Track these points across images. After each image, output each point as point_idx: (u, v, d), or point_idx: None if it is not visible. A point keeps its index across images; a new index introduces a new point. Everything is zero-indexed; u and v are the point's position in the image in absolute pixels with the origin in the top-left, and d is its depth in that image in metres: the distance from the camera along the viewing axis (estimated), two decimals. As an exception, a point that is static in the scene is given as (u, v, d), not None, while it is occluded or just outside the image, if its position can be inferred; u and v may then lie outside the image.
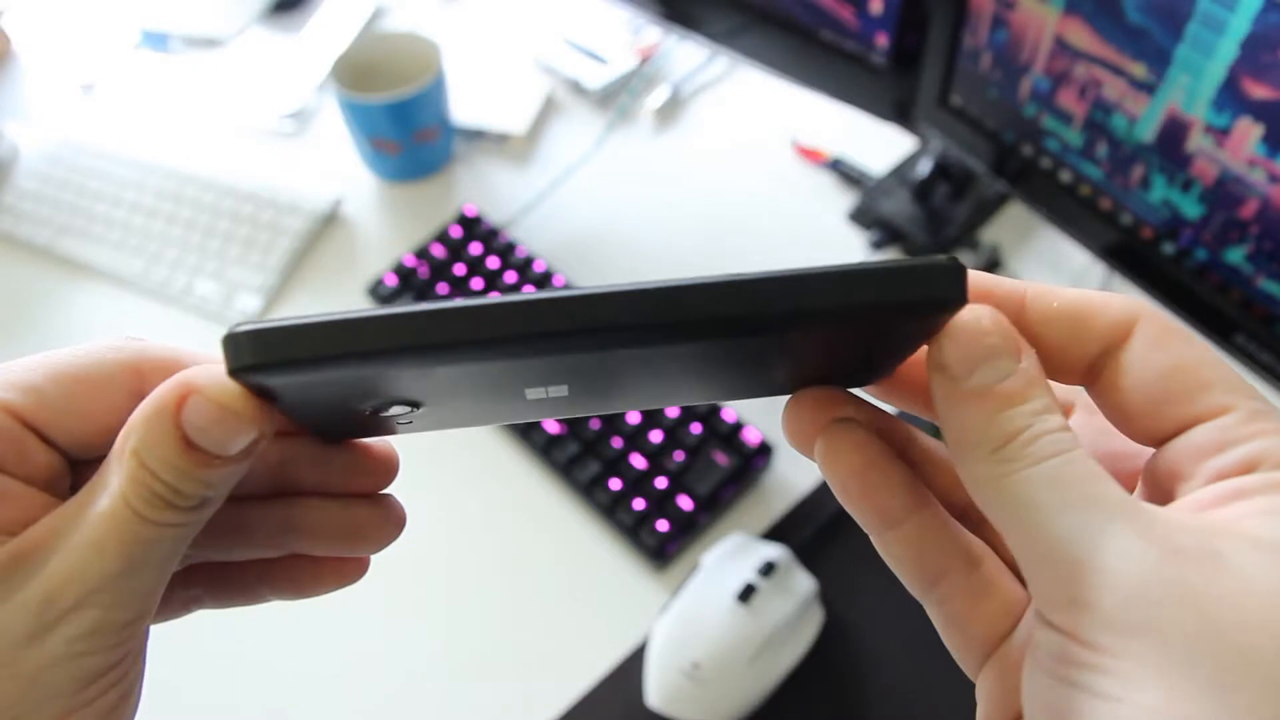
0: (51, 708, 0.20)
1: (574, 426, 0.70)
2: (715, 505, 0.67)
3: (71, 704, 0.20)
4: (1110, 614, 0.18)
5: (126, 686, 0.22)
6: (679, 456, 0.68)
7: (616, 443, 0.69)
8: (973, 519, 0.24)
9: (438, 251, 0.82)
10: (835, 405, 0.23)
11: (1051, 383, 0.22)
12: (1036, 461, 0.19)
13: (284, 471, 0.25)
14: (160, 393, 0.20)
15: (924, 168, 0.83)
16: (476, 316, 0.18)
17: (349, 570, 0.26)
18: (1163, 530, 0.18)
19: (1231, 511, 0.19)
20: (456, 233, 0.83)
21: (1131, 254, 0.64)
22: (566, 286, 0.21)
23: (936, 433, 0.23)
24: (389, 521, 0.26)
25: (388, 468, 0.26)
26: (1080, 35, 0.58)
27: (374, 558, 0.27)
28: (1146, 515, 0.18)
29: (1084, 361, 0.22)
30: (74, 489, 0.22)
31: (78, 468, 0.23)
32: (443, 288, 0.80)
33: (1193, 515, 0.19)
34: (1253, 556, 0.18)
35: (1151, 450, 0.21)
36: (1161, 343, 0.21)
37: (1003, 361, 0.20)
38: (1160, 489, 0.21)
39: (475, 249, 0.81)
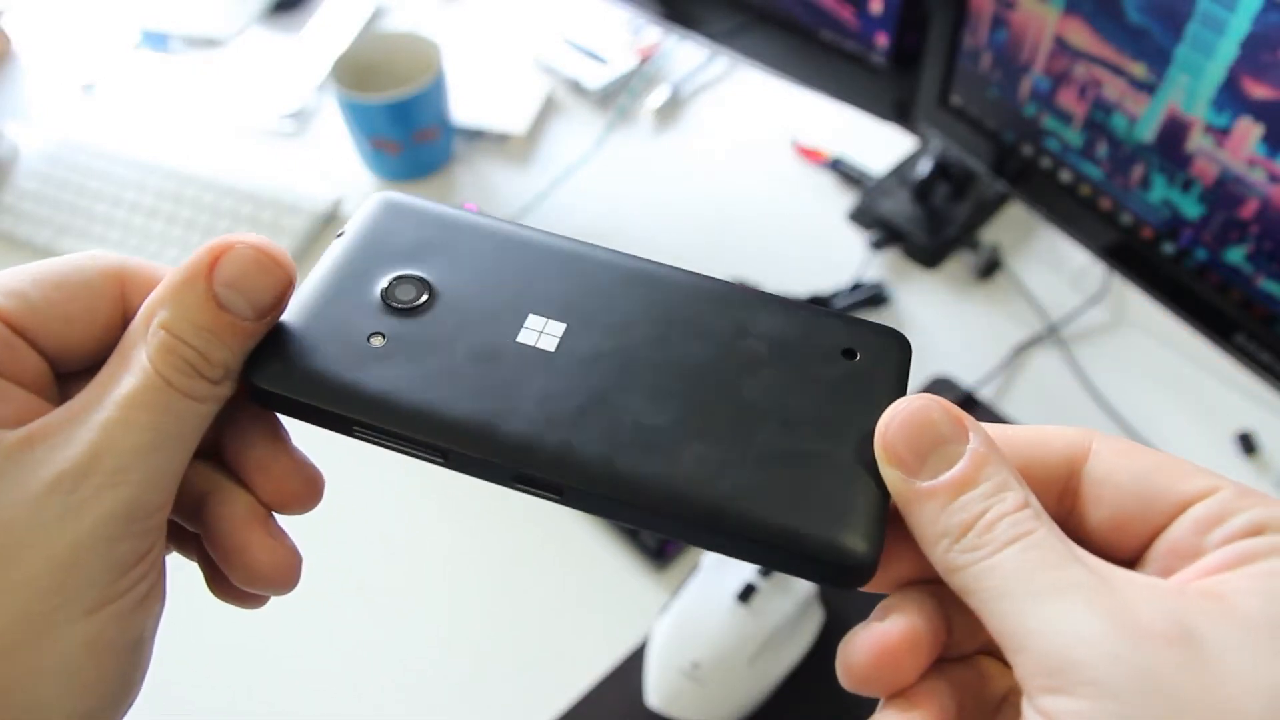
0: (90, 595, 0.20)
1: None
2: (715, 505, 0.67)
3: (108, 592, 0.20)
4: (1083, 703, 0.18)
5: (155, 578, 0.22)
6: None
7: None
8: None
9: (438, 251, 0.82)
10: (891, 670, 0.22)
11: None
12: (999, 548, 0.19)
13: (221, 430, 0.24)
14: (191, 261, 0.21)
15: (924, 168, 0.83)
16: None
17: (238, 595, 0.25)
18: (1132, 612, 0.18)
19: (1233, 578, 0.19)
20: (456, 233, 0.83)
21: (1131, 254, 0.64)
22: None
23: None
24: (277, 562, 0.23)
25: (311, 481, 0.24)
26: (1080, 35, 0.58)
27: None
28: (1116, 596, 0.18)
29: (1054, 483, 0.22)
30: (63, 400, 0.22)
31: (63, 380, 0.23)
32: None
33: (1178, 587, 0.19)
34: (1231, 638, 0.18)
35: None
36: (1127, 451, 0.21)
37: (951, 447, 0.20)
38: (1159, 569, 0.21)
39: (475, 249, 0.81)
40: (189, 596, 0.28)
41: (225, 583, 0.24)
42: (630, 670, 0.62)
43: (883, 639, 0.21)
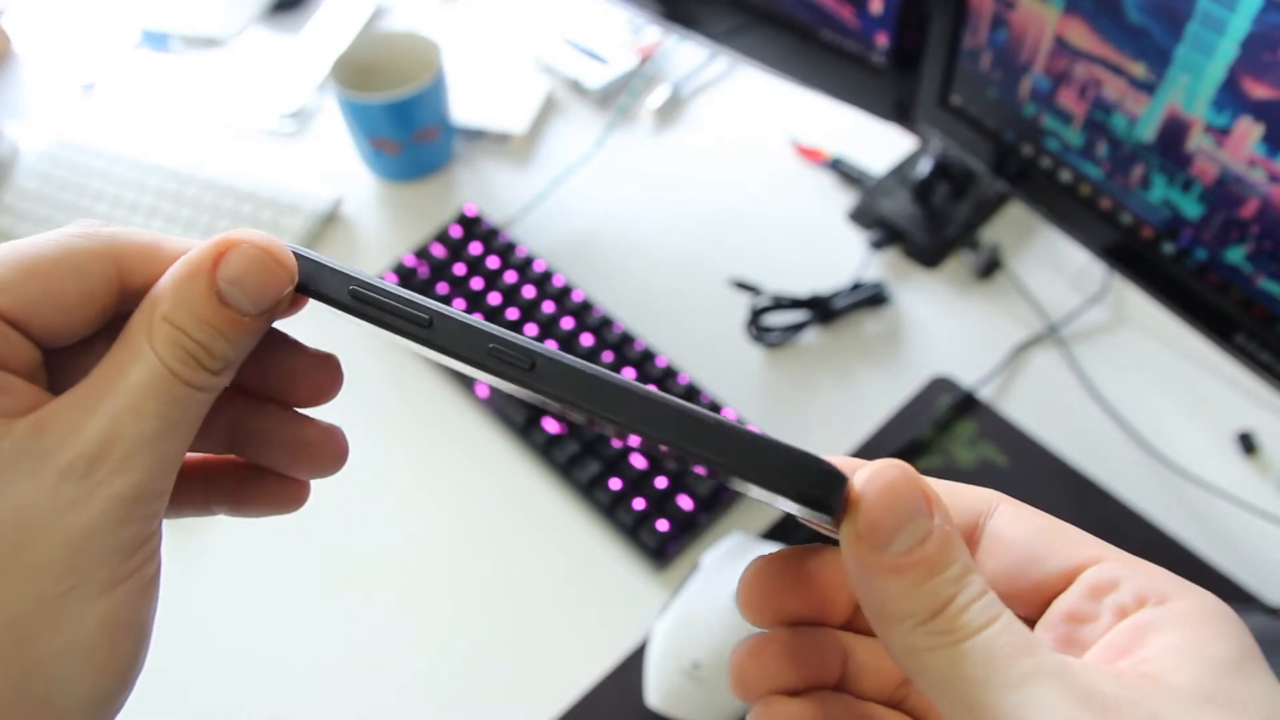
0: (102, 575, 0.21)
1: (575, 426, 0.70)
2: (715, 505, 0.67)
3: (119, 572, 0.21)
4: None
5: (157, 563, 0.23)
6: (679, 456, 0.68)
7: (617, 442, 0.69)
8: (906, 707, 0.25)
9: (438, 251, 0.82)
10: (778, 668, 0.24)
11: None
12: (970, 634, 0.19)
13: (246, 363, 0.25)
14: (194, 255, 0.22)
15: (924, 168, 0.83)
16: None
17: (285, 494, 0.27)
18: (1103, 697, 0.18)
19: (1153, 657, 0.19)
20: (456, 233, 0.83)
21: (1131, 254, 0.64)
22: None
23: None
24: (331, 445, 0.26)
25: (333, 374, 0.26)
26: (1080, 35, 0.58)
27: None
28: (1084, 681, 0.19)
29: (961, 528, 0.23)
30: (52, 380, 0.23)
31: (51, 357, 0.23)
32: (442, 288, 0.80)
33: (1116, 671, 0.19)
34: (1182, 711, 0.18)
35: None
36: (1026, 514, 0.23)
37: (920, 521, 0.20)
38: (1062, 635, 0.22)
39: (475, 249, 0.81)
40: (188, 597, 0.28)
41: (259, 494, 0.26)
42: (630, 670, 0.62)
43: (758, 641, 0.24)
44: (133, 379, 0.21)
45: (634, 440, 0.22)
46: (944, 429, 0.72)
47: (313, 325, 0.29)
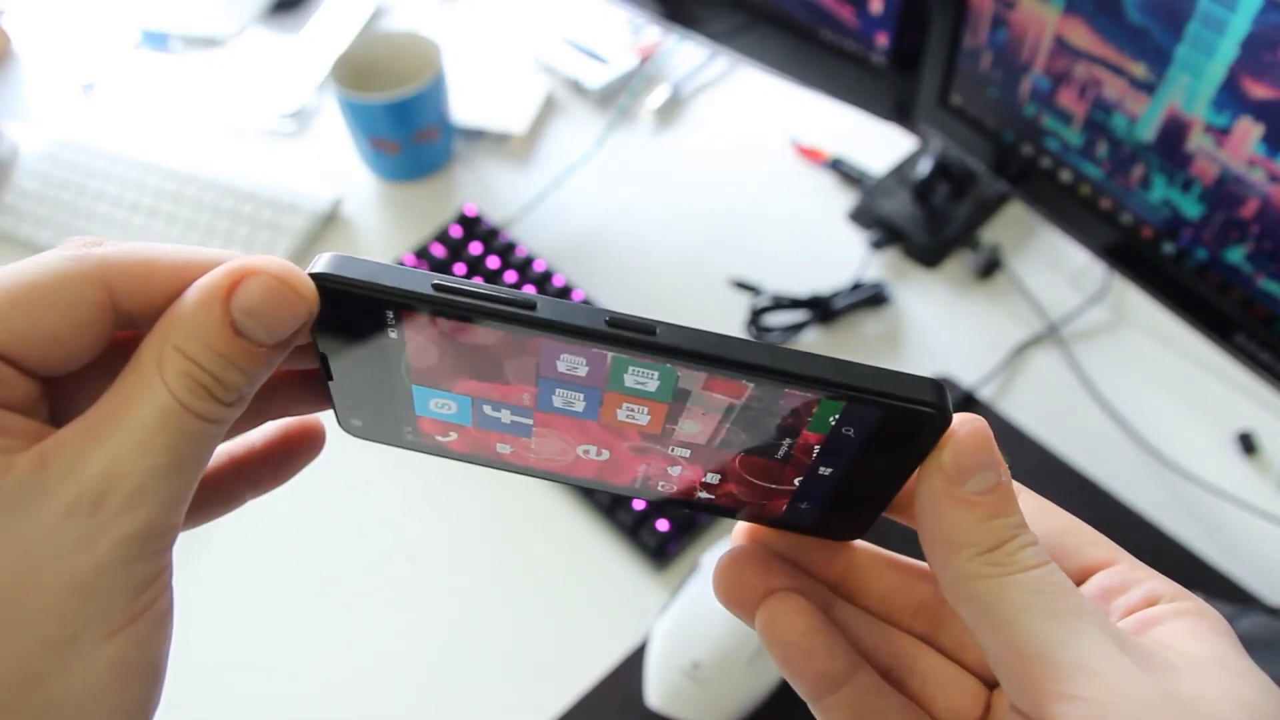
0: (111, 616, 0.20)
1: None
2: (715, 505, 0.67)
3: (129, 613, 0.20)
4: (1103, 709, 0.20)
5: (168, 598, 0.22)
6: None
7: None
8: (894, 678, 0.26)
9: (438, 251, 0.82)
10: (770, 573, 0.26)
11: None
12: (1023, 569, 0.22)
13: None
14: (208, 283, 0.21)
15: (924, 168, 0.83)
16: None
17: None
18: (1131, 642, 0.21)
19: (1157, 635, 0.22)
20: (456, 232, 0.83)
21: (1131, 254, 0.64)
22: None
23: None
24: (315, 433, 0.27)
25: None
26: (1080, 35, 0.58)
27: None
28: (1117, 628, 0.21)
29: None
30: (53, 412, 0.22)
31: (51, 387, 0.22)
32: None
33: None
34: (1201, 670, 0.21)
35: None
36: (1044, 510, 0.25)
37: (991, 472, 0.23)
38: None
39: (475, 249, 0.81)
40: (185, 598, 0.28)
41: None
42: (630, 670, 0.62)
43: (734, 550, 0.26)
44: (141, 411, 0.20)
45: (742, 392, 0.23)
46: (944, 429, 0.72)
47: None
